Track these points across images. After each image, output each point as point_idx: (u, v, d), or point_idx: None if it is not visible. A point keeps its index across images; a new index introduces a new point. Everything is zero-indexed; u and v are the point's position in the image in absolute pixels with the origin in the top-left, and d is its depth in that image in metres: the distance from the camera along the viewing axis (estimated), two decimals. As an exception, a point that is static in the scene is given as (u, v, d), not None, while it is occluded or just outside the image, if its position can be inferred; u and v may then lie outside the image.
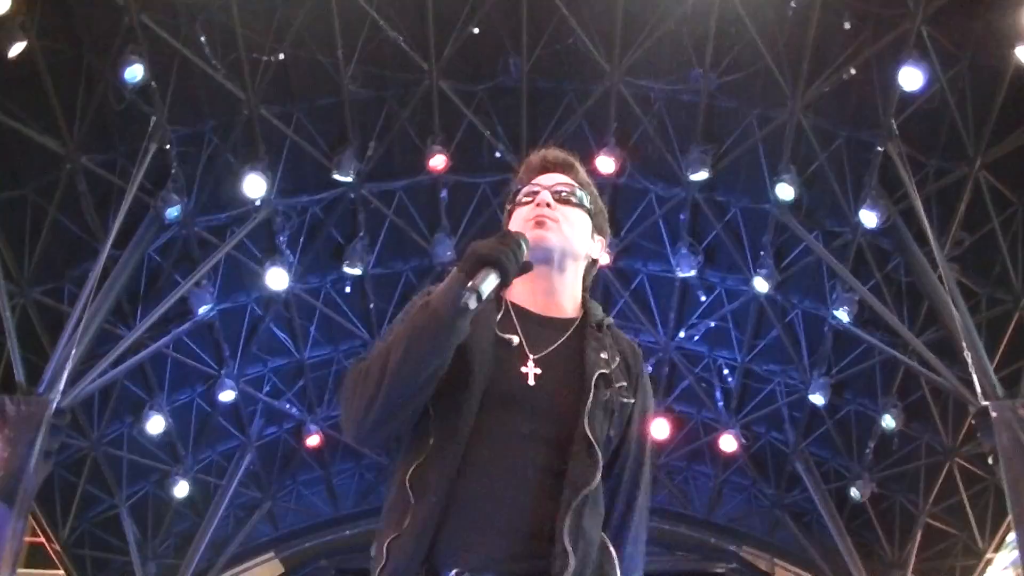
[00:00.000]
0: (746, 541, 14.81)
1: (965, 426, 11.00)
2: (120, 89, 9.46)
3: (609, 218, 2.30)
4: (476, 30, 10.15)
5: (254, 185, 10.34)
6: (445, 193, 11.45)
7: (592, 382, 1.92)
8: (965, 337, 9.37)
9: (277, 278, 11.24)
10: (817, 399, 12.10)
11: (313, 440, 13.38)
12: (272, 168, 10.53)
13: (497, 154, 11.02)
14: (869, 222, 10.26)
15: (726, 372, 13.30)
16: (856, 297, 10.72)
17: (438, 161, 10.59)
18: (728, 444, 13.31)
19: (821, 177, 10.60)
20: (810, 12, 9.59)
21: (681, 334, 12.92)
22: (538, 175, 2.18)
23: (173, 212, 10.34)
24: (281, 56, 10.08)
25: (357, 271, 11.60)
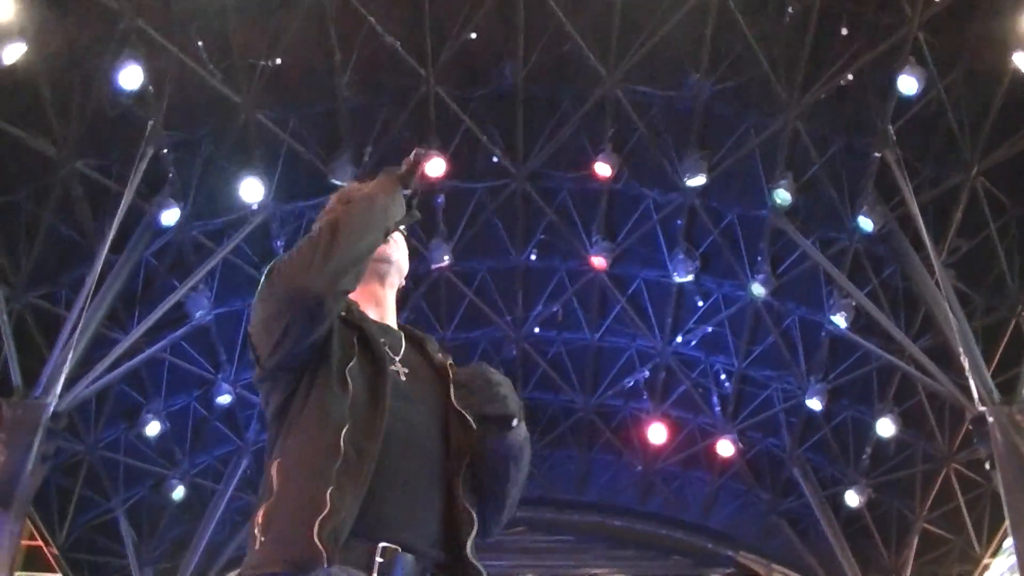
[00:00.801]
0: (742, 546, 14.77)
1: (961, 432, 11.02)
2: (116, 94, 9.47)
3: (606, 224, 2.35)
4: (473, 36, 10.15)
5: (251, 190, 10.35)
6: (441, 198, 11.45)
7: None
8: (962, 343, 9.37)
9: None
10: (814, 404, 12.10)
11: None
12: (268, 173, 10.53)
13: (494, 159, 11.02)
14: (866, 228, 10.26)
15: (723, 377, 13.30)
16: (853, 303, 10.73)
17: (436, 166, 10.58)
18: (725, 449, 13.33)
19: (817, 183, 10.59)
20: (806, 19, 9.59)
21: (678, 339, 12.90)
22: None
23: (169, 217, 10.35)
24: (277, 61, 10.07)
25: (354, 276, 11.55)
